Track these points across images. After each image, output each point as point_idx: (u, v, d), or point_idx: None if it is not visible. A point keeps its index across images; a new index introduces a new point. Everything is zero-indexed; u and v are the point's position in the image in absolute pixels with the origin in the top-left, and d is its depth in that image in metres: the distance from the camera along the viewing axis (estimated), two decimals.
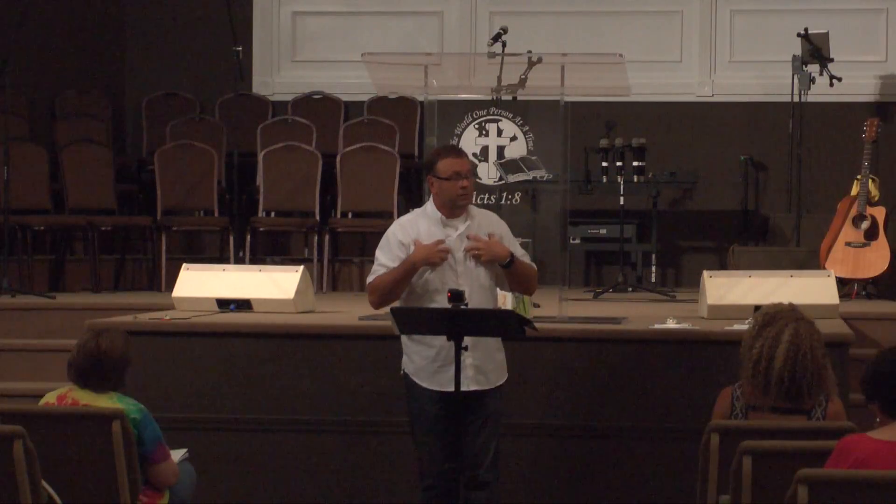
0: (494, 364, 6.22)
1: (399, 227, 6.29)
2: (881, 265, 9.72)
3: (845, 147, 11.10)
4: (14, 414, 5.70)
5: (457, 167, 6.17)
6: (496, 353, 6.24)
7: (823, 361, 5.51)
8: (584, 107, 9.74)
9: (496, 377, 6.24)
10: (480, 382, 6.17)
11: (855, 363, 6.87)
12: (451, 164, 6.18)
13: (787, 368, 5.42)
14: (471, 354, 6.05)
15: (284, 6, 12.41)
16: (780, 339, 5.45)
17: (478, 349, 6.11)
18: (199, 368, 7.54)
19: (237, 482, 7.49)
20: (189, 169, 10.93)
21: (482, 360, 6.16)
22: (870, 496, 4.52)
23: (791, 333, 5.46)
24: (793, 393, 5.44)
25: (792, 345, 5.43)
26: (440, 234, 6.19)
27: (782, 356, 5.42)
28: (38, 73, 11.65)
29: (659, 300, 9.82)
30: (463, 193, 6.18)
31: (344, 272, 11.01)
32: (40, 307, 9.27)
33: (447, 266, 6.13)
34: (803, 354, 5.44)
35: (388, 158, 10.96)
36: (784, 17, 11.57)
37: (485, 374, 6.17)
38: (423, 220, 6.24)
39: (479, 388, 6.16)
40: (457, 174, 6.16)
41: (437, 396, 6.15)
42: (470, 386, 6.11)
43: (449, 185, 6.17)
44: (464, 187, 6.16)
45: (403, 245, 6.19)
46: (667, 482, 7.17)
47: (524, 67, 8.00)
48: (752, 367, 5.47)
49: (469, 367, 6.10)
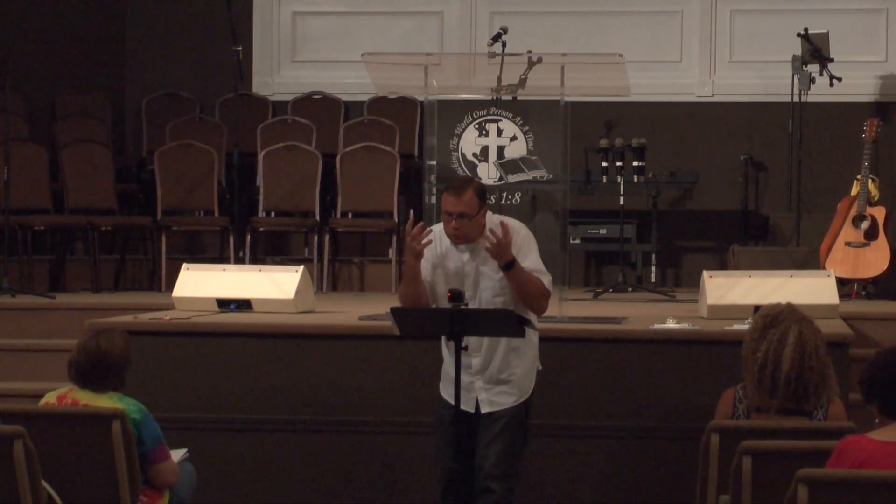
0: (510, 383, 6.15)
1: (433, 230, 6.18)
2: (881, 265, 9.72)
3: (845, 147, 11.10)
4: (14, 414, 5.70)
5: (448, 207, 6.04)
6: (516, 368, 6.16)
7: (827, 360, 5.50)
8: (584, 107, 9.73)
9: (514, 396, 6.16)
10: (494, 405, 6.15)
11: (855, 363, 6.87)
12: (445, 202, 6.06)
13: (795, 370, 5.38)
14: (480, 379, 6.07)
15: (284, 6, 12.41)
16: (786, 342, 5.40)
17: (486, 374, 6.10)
18: (199, 368, 7.54)
19: (237, 482, 7.49)
20: (189, 169, 10.93)
21: (491, 384, 6.13)
22: (870, 496, 4.52)
23: (796, 335, 5.42)
24: (800, 393, 5.42)
25: (797, 346, 5.40)
26: (457, 255, 6.13)
27: (789, 358, 5.38)
28: (38, 73, 11.65)
29: (659, 300, 9.82)
30: (453, 234, 6.07)
31: (344, 272, 11.01)
32: (40, 307, 9.26)
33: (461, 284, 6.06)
34: (809, 355, 5.41)
35: (388, 158, 10.95)
36: (784, 17, 11.57)
37: (499, 396, 6.14)
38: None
39: (492, 410, 6.15)
40: (448, 213, 6.06)
41: (450, 405, 6.08)
42: (483, 409, 6.12)
43: (444, 219, 6.11)
44: (454, 229, 6.04)
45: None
46: (667, 482, 7.17)
47: (524, 67, 8.00)
48: (759, 371, 5.41)
49: (480, 391, 6.11)
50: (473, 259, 6.13)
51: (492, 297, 6.11)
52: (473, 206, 6.03)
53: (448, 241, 6.15)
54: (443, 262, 6.16)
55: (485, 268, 6.12)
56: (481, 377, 6.11)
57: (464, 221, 6.03)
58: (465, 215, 6.02)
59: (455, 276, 6.13)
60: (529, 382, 6.24)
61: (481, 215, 6.08)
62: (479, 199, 6.06)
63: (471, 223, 6.04)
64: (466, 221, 6.03)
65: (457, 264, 6.14)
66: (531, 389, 6.25)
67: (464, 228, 6.04)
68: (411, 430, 7.28)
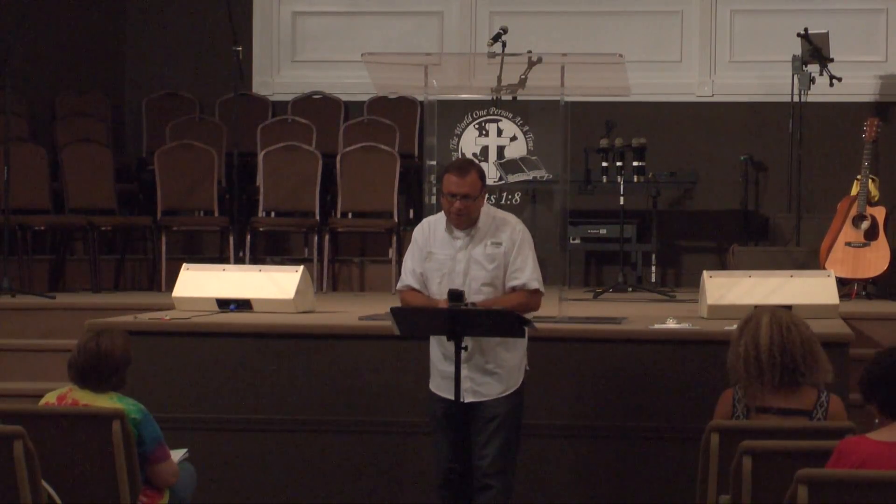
0: (496, 375, 6.18)
1: (421, 227, 6.36)
2: (881, 265, 9.72)
3: (845, 147, 11.10)
4: (14, 414, 5.70)
5: (451, 188, 6.15)
6: (504, 361, 6.20)
7: (810, 335, 5.55)
8: (584, 107, 9.73)
9: (499, 388, 6.21)
10: (478, 395, 6.18)
11: (855, 363, 6.87)
12: (448, 183, 6.17)
13: (776, 345, 5.48)
14: (465, 367, 6.08)
15: (284, 6, 12.41)
16: (760, 325, 5.55)
17: (471, 363, 6.12)
18: (199, 368, 7.54)
19: (237, 482, 7.49)
20: (189, 169, 10.93)
21: (476, 373, 6.16)
22: (870, 496, 4.52)
23: (769, 318, 5.57)
24: (789, 367, 5.47)
25: (773, 325, 5.53)
26: (449, 242, 6.23)
27: (766, 336, 5.50)
28: (38, 73, 11.65)
29: (659, 300, 9.82)
30: (455, 215, 6.17)
31: (344, 272, 11.01)
32: (40, 307, 9.26)
33: (451, 280, 6.13)
34: (787, 328, 5.52)
35: (388, 158, 10.96)
36: (784, 17, 11.57)
37: (482, 387, 6.17)
38: (441, 223, 6.29)
39: (476, 401, 6.18)
40: (451, 194, 6.15)
41: (440, 398, 6.22)
42: (467, 398, 6.15)
43: (445, 201, 6.19)
44: (457, 210, 6.15)
45: (417, 244, 6.29)
46: (667, 482, 7.17)
47: (524, 67, 8.00)
48: (744, 363, 5.51)
49: (465, 380, 6.12)
50: (466, 245, 6.20)
51: (479, 287, 6.18)
52: (476, 188, 6.17)
53: (441, 229, 6.24)
54: (433, 250, 6.25)
55: (477, 255, 6.20)
56: (466, 366, 6.12)
57: (467, 202, 6.14)
58: (469, 196, 6.15)
59: (447, 262, 6.20)
60: (517, 376, 6.28)
61: (482, 197, 6.22)
62: (480, 180, 6.21)
63: (473, 204, 6.16)
64: (470, 202, 6.15)
65: (449, 251, 6.21)
66: (519, 383, 6.28)
67: (467, 209, 6.14)
68: (411, 430, 7.28)
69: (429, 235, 6.29)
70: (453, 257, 6.21)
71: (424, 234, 6.30)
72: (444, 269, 6.19)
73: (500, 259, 6.22)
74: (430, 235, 6.28)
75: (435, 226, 6.31)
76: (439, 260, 6.23)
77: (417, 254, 6.30)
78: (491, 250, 6.21)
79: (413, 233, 6.40)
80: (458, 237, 6.22)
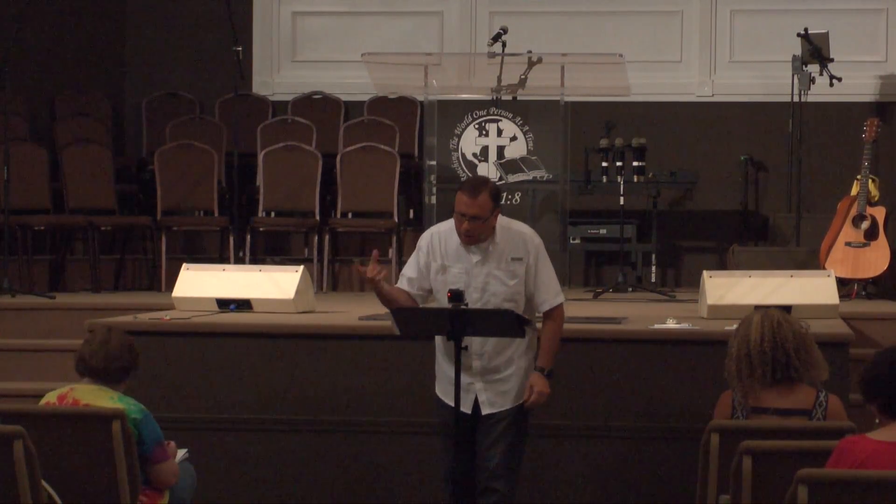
0: (510, 385, 6.13)
1: (430, 237, 6.18)
2: (881, 265, 9.72)
3: (845, 147, 11.10)
4: (14, 414, 5.70)
5: (461, 207, 5.97)
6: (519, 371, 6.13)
7: (802, 331, 5.58)
8: (584, 107, 9.74)
9: (514, 399, 6.14)
10: (495, 406, 6.14)
11: (855, 363, 6.87)
12: (459, 202, 5.99)
13: (767, 340, 5.53)
14: (481, 381, 6.06)
15: (284, 6, 12.41)
16: (751, 324, 5.61)
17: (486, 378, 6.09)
18: (199, 368, 7.54)
19: (237, 482, 7.49)
20: (189, 169, 10.93)
21: (491, 392, 6.11)
22: (870, 496, 4.52)
23: (759, 317, 5.63)
24: (781, 362, 5.50)
25: (764, 321, 5.59)
26: (465, 256, 6.08)
27: (757, 332, 5.56)
28: (38, 73, 11.65)
29: (659, 300, 9.82)
30: (465, 235, 6.02)
31: (344, 272, 11.01)
32: (40, 307, 9.26)
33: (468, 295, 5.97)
34: (778, 324, 5.58)
35: (388, 158, 10.96)
36: (784, 17, 11.58)
37: (500, 398, 6.13)
38: (454, 235, 6.11)
39: (492, 412, 6.14)
40: (461, 214, 6.00)
41: (448, 405, 6.09)
42: (484, 410, 6.11)
43: (455, 218, 6.05)
44: (465, 230, 5.99)
45: (422, 252, 6.15)
46: (667, 482, 7.17)
47: (524, 67, 8.01)
48: (735, 362, 5.55)
49: (481, 392, 6.09)
50: (484, 262, 6.08)
51: (501, 303, 6.06)
52: (487, 209, 5.98)
53: (455, 241, 6.09)
54: (447, 264, 6.12)
55: (497, 272, 6.08)
56: (482, 379, 6.10)
57: (476, 223, 5.98)
58: (479, 217, 5.97)
59: (462, 276, 6.07)
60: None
61: (493, 217, 6.03)
62: (493, 201, 6.01)
63: (483, 225, 6.00)
64: (479, 223, 5.98)
65: (466, 265, 6.09)
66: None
67: (476, 230, 6.00)
68: (411, 431, 7.28)
69: (439, 248, 6.12)
70: (469, 272, 6.07)
71: (433, 246, 6.13)
72: (460, 284, 6.00)
73: (521, 275, 6.08)
74: (441, 248, 6.12)
75: (447, 238, 6.12)
76: (454, 274, 6.08)
77: (423, 260, 6.14)
78: (512, 266, 6.07)
79: (418, 240, 6.23)
80: (474, 252, 6.08)
